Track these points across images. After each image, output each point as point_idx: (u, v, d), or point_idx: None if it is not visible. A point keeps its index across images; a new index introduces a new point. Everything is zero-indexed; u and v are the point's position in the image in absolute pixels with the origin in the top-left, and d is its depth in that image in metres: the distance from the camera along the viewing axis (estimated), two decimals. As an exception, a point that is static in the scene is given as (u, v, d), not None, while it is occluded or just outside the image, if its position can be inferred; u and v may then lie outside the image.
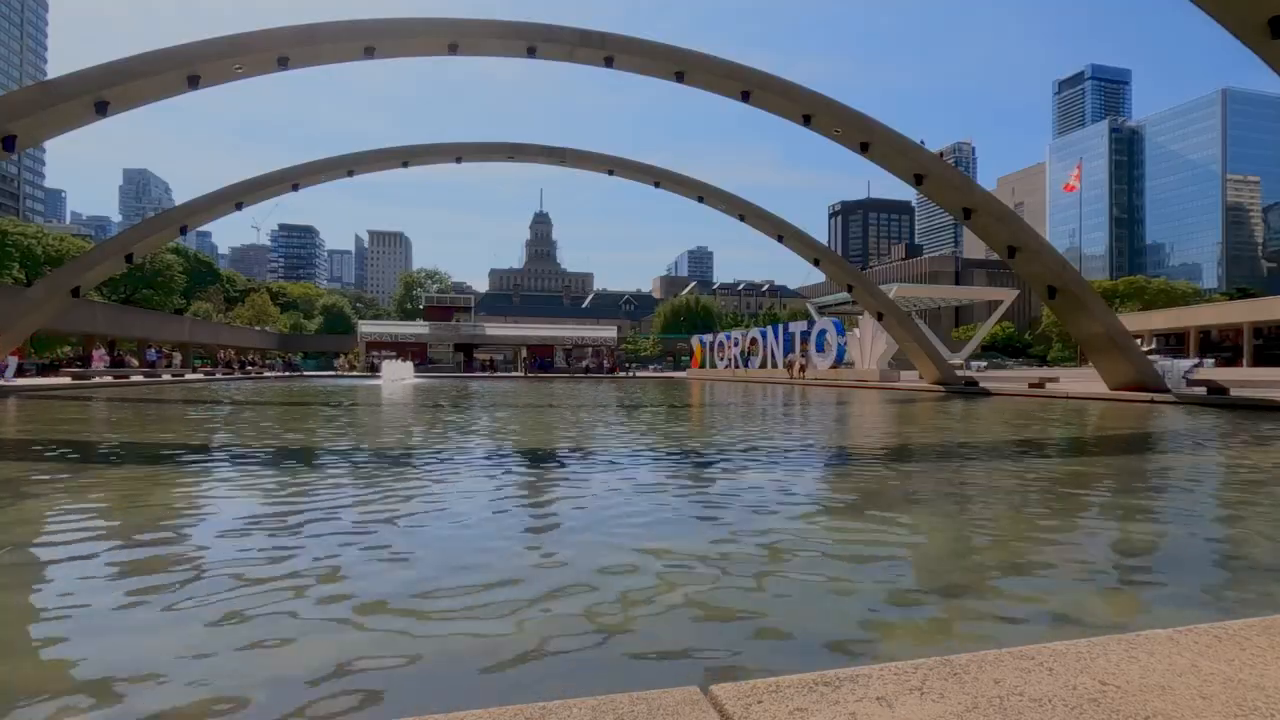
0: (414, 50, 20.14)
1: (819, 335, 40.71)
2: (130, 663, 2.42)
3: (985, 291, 60.13)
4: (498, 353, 74.33)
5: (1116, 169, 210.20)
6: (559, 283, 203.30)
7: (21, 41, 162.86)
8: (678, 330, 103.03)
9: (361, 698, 2.18)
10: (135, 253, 26.94)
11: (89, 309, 44.69)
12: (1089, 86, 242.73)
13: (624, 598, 3.07)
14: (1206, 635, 1.93)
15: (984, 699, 1.55)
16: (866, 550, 3.92)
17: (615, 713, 1.51)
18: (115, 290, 66.35)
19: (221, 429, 11.72)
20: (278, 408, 17.80)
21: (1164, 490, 6.28)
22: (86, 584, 3.31)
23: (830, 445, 10.01)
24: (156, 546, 3.99)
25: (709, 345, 57.72)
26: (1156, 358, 25.45)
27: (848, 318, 45.05)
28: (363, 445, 9.31)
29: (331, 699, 2.18)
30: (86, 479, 6.51)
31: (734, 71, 20.34)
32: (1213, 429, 11.63)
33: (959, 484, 6.34)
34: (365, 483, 6.19)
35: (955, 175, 24.24)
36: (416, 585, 3.24)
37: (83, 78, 17.05)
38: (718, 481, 6.43)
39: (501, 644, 2.56)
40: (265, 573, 3.42)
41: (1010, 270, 24.49)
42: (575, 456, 8.24)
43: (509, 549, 3.94)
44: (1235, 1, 12.20)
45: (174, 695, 2.18)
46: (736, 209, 31.34)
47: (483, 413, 15.76)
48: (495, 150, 30.38)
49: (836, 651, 2.54)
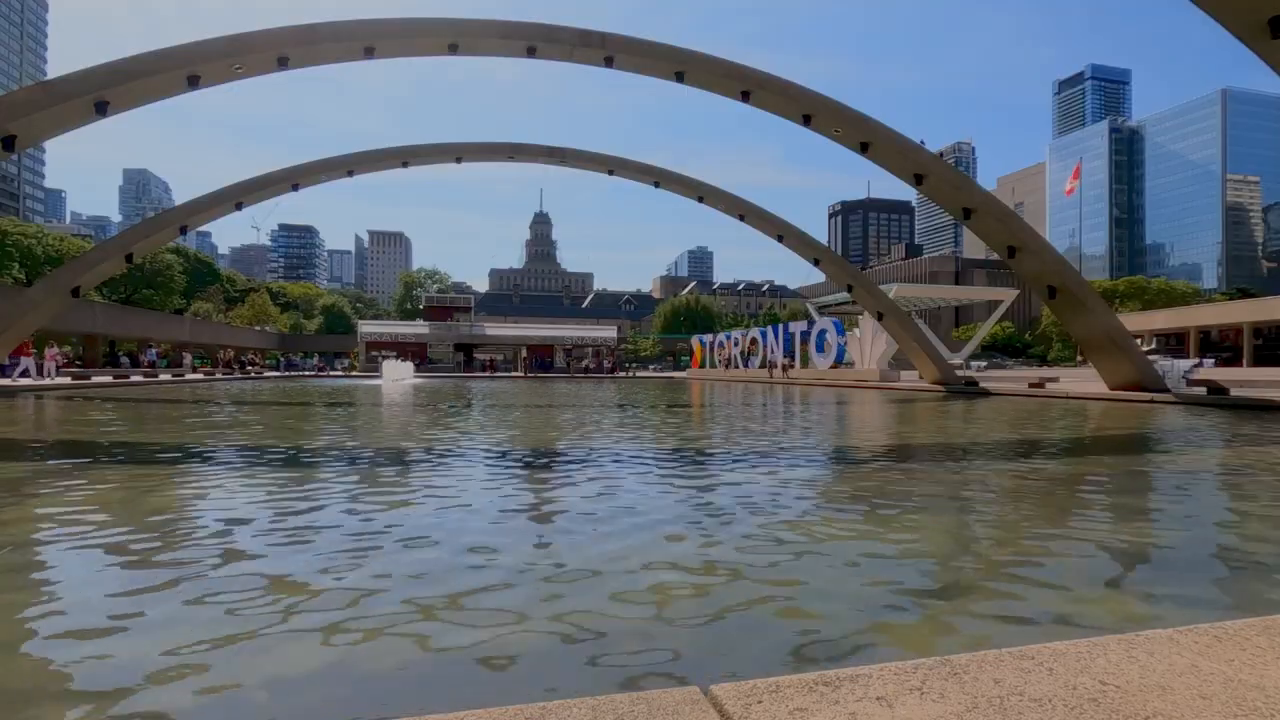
0: (414, 50, 20.14)
1: (819, 335, 40.71)
2: (131, 663, 2.41)
3: (985, 291, 60.12)
4: (498, 353, 74.36)
5: (1116, 169, 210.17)
6: (559, 283, 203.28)
7: (21, 41, 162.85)
8: (678, 330, 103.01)
9: (362, 698, 2.18)
10: (135, 253, 26.94)
11: (89, 309, 44.69)
12: (1089, 86, 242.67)
13: (624, 597, 3.07)
14: (1206, 635, 1.93)
15: (984, 699, 1.55)
16: (866, 550, 3.92)
17: (615, 713, 1.51)
18: (115, 290, 66.34)
19: (223, 429, 11.72)
20: (279, 408, 17.80)
21: (1163, 490, 6.28)
22: (87, 584, 3.32)
23: (830, 445, 10.01)
24: (156, 546, 3.99)
25: (709, 345, 57.74)
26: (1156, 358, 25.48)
27: (848, 318, 45.05)
28: (363, 445, 9.31)
29: (331, 699, 2.18)
30: (88, 478, 6.51)
31: (734, 71, 20.34)
32: (1213, 429, 11.63)
33: (959, 484, 6.34)
34: (365, 483, 6.19)
35: (955, 175, 24.24)
36: (416, 585, 3.24)
37: (83, 78, 17.05)
38: (717, 481, 6.43)
39: (501, 644, 2.56)
40: (265, 573, 3.42)
41: (1010, 270, 24.50)
42: (575, 456, 8.24)
43: (509, 548, 3.94)
44: (1235, 1, 12.20)
45: (174, 695, 2.18)
46: (736, 209, 31.34)
47: (483, 413, 15.76)
48: (495, 150, 30.38)
49: (836, 651, 2.54)
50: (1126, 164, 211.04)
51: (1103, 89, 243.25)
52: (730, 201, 31.16)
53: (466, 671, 2.37)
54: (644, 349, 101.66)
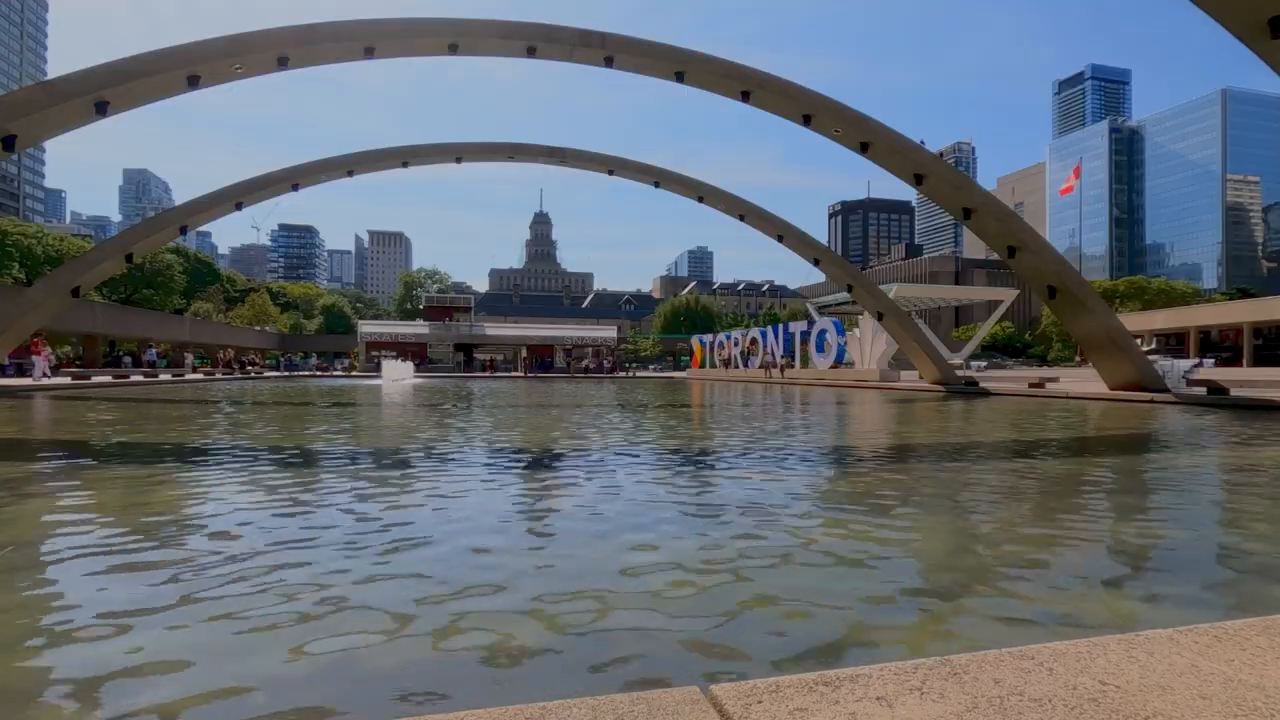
0: (414, 50, 20.15)
1: (819, 335, 40.71)
2: (131, 663, 2.41)
3: (985, 291, 60.12)
4: (498, 353, 74.38)
5: (1116, 169, 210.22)
6: (559, 283, 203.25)
7: (21, 41, 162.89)
8: (678, 330, 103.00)
9: (362, 698, 2.18)
10: (135, 253, 26.95)
11: (89, 309, 44.70)
12: (1089, 86, 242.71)
13: (624, 596, 3.07)
14: (1206, 635, 1.93)
15: (984, 699, 1.55)
16: (867, 550, 3.92)
17: (615, 713, 1.51)
18: (115, 290, 66.35)
19: (224, 429, 11.72)
20: (279, 408, 17.80)
21: (1163, 490, 6.28)
22: (87, 583, 3.31)
23: (829, 445, 10.01)
24: (156, 546, 3.99)
25: (709, 345, 57.74)
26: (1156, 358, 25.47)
27: (848, 318, 45.05)
28: (364, 445, 9.31)
29: (332, 699, 2.18)
30: (87, 478, 6.51)
31: (734, 71, 20.34)
32: (1213, 429, 11.63)
33: (958, 484, 6.34)
34: (365, 483, 6.18)
35: (955, 175, 24.24)
36: (416, 585, 3.24)
37: (83, 78, 17.06)
38: (717, 480, 6.42)
39: (501, 644, 2.56)
40: (266, 573, 3.41)
41: (1010, 270, 24.50)
42: (575, 455, 8.24)
43: (508, 548, 3.94)
44: (1235, 1, 12.20)
45: (174, 695, 2.18)
46: (736, 209, 31.34)
47: (483, 413, 15.76)
48: (495, 150, 30.38)
49: (836, 651, 2.54)
50: (1126, 164, 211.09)
51: (1103, 89, 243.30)
52: (730, 201, 31.16)
53: (467, 671, 2.37)
54: (644, 349, 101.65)
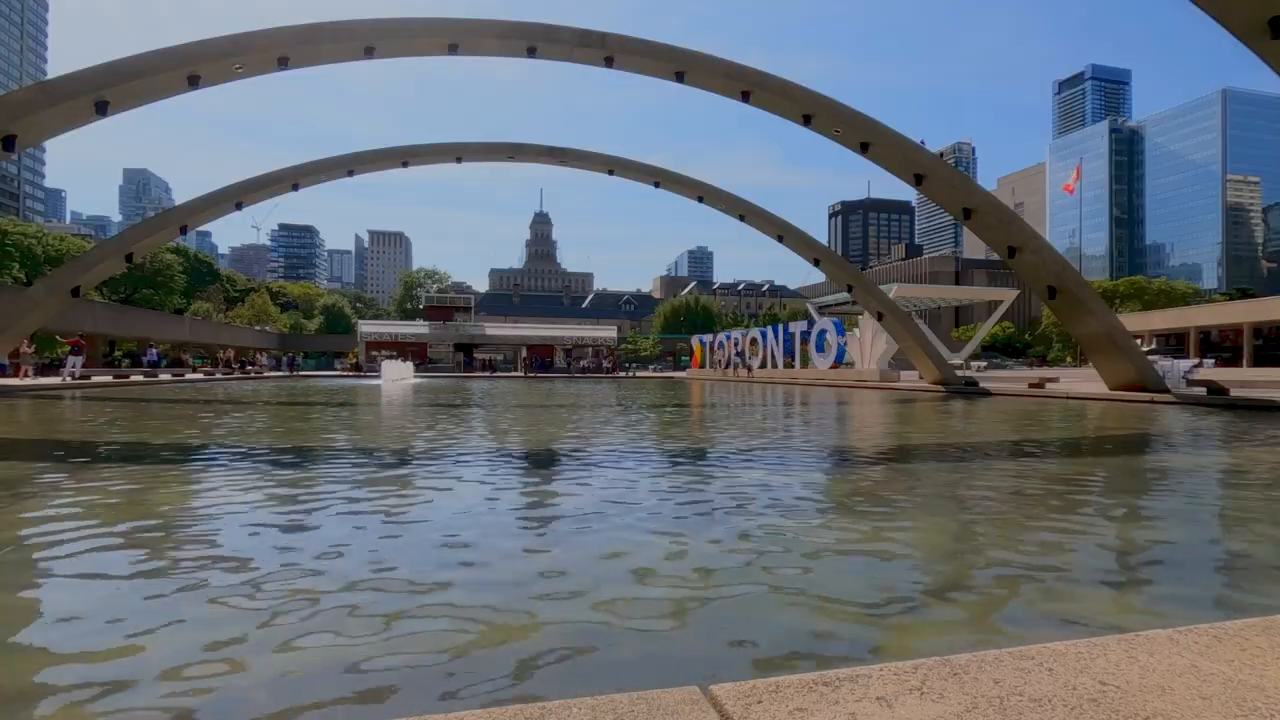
0: (414, 50, 20.15)
1: (819, 335, 40.68)
2: (131, 662, 2.41)
3: (985, 291, 60.14)
4: (498, 353, 74.41)
5: (1116, 169, 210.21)
6: (559, 283, 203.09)
7: (22, 41, 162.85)
8: (678, 330, 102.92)
9: (362, 698, 2.18)
10: (135, 253, 26.96)
11: (89, 309, 44.69)
12: (1089, 86, 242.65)
13: (624, 597, 3.07)
14: (1206, 635, 1.93)
15: (984, 699, 1.55)
16: (866, 550, 3.92)
17: (615, 713, 1.50)
18: (115, 290, 66.32)
19: (225, 430, 11.72)
20: (281, 408, 17.80)
21: (1163, 490, 6.28)
22: (87, 583, 3.31)
23: (829, 445, 10.01)
24: (157, 546, 3.99)
25: (709, 345, 57.71)
26: (1156, 358, 25.45)
27: (848, 318, 45.03)
28: (365, 445, 9.31)
29: (332, 699, 2.18)
30: (88, 478, 6.51)
31: (734, 71, 20.34)
32: (1213, 429, 11.63)
33: (958, 484, 6.34)
34: (366, 483, 6.18)
35: (955, 175, 24.24)
36: (417, 585, 3.24)
37: (83, 78, 17.05)
38: (717, 480, 6.42)
39: (502, 644, 2.56)
40: (266, 573, 3.42)
41: (1010, 270, 24.49)
42: (574, 455, 8.24)
43: (508, 548, 3.94)
44: (1235, 2, 12.21)
45: (174, 694, 2.18)
46: (736, 209, 31.34)
47: (483, 413, 15.76)
48: (495, 150, 30.38)
49: (836, 651, 2.54)
50: (1126, 164, 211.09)
51: (1103, 89, 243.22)
52: (730, 201, 31.15)
53: (466, 671, 2.37)
54: (644, 349, 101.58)
